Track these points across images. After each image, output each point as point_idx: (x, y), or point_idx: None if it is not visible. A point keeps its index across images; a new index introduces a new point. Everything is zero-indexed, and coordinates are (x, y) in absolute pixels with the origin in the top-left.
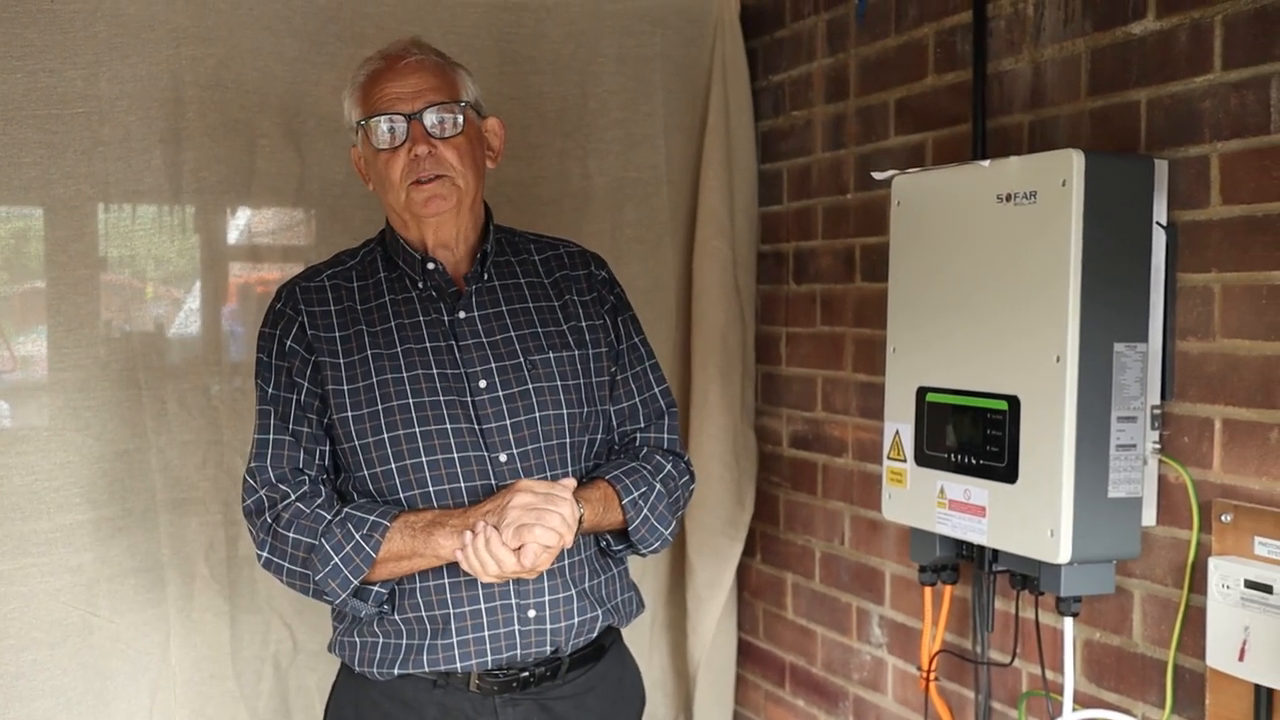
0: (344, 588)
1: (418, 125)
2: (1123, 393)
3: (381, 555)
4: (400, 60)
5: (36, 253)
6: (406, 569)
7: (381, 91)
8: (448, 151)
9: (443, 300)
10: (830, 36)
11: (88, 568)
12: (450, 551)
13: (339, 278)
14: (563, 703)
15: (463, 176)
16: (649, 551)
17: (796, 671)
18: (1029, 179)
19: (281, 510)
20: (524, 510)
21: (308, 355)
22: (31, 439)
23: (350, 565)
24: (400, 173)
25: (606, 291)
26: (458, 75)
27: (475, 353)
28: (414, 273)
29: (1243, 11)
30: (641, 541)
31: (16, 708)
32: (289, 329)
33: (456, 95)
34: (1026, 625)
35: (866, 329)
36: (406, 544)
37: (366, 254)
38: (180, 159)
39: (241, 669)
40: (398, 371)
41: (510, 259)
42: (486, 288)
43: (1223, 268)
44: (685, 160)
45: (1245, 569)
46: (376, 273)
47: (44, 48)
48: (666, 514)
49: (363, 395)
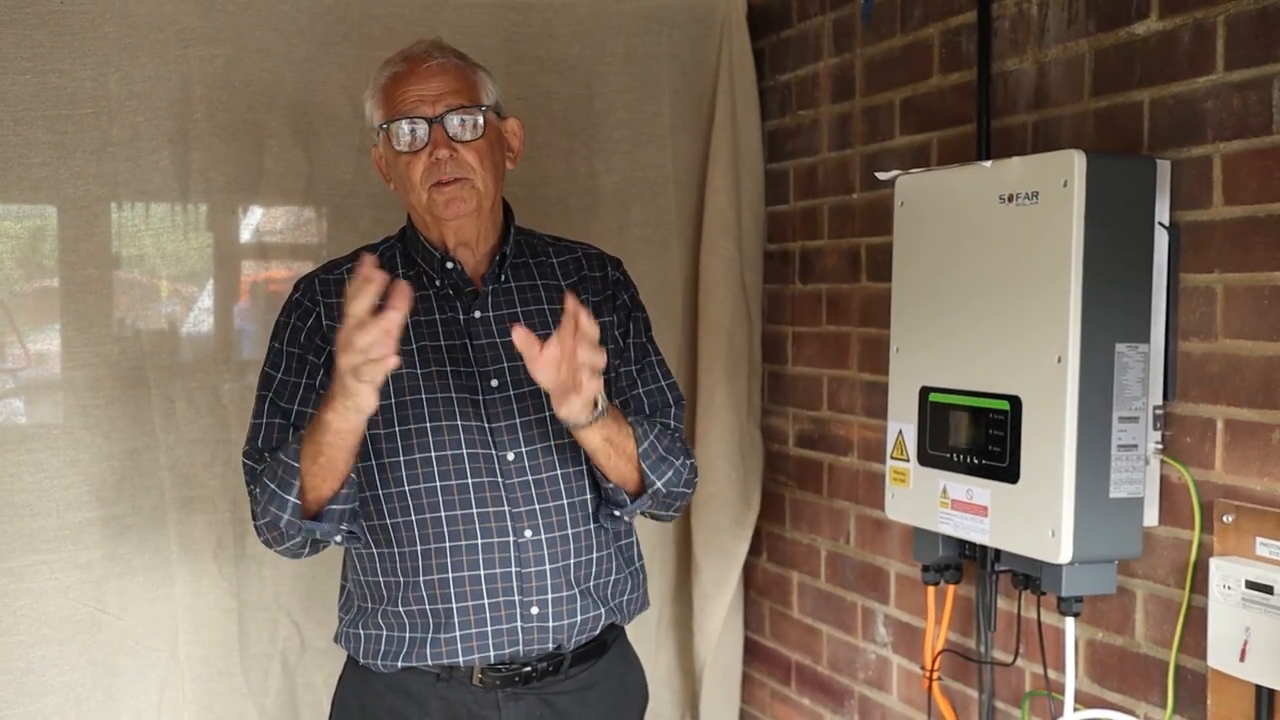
0: (292, 512)
1: (439, 129)
2: (1124, 393)
3: (304, 464)
4: (422, 63)
5: (49, 251)
6: (328, 466)
7: (403, 94)
8: (468, 155)
9: (459, 299)
10: (836, 36)
11: (97, 565)
12: (329, 416)
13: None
14: (565, 698)
15: (482, 179)
16: (662, 483)
17: (802, 670)
18: (1031, 179)
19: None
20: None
21: (322, 345)
22: (42, 436)
23: (284, 485)
24: (421, 175)
25: (620, 291)
26: (479, 77)
27: (489, 352)
28: (432, 271)
29: (1245, 12)
30: (653, 468)
31: (26, 703)
32: (305, 318)
33: (477, 98)
34: (1029, 625)
35: (872, 328)
36: (310, 439)
37: (386, 250)
38: (189, 159)
39: (249, 666)
40: (412, 367)
41: (528, 260)
42: (503, 289)
43: (1225, 268)
44: (692, 160)
45: (1247, 570)
46: (395, 269)
47: (53, 48)
48: (672, 447)
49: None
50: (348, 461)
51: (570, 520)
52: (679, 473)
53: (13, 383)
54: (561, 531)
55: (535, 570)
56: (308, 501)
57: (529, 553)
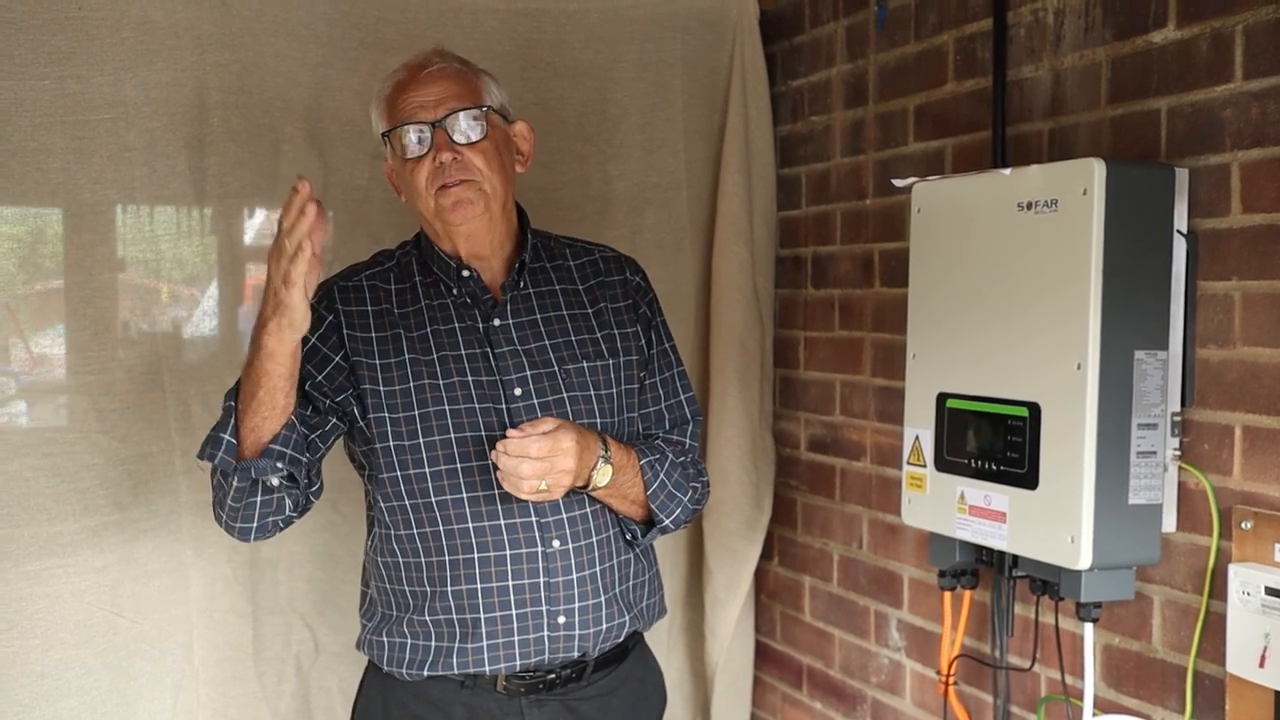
0: (226, 450)
1: (441, 133)
2: (1143, 400)
3: (242, 403)
4: (422, 70)
5: (54, 253)
6: (268, 400)
7: (405, 101)
8: (473, 157)
9: (477, 307)
10: (850, 42)
11: (113, 568)
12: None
13: (376, 279)
14: (588, 703)
15: (489, 181)
16: (670, 521)
17: (814, 674)
18: (1050, 187)
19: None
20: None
21: (331, 354)
22: (57, 441)
23: (221, 425)
24: (426, 180)
25: (640, 298)
26: (481, 81)
27: (510, 360)
28: (449, 279)
29: (1264, 21)
30: (661, 508)
31: (43, 706)
32: (316, 325)
33: (480, 101)
34: (1046, 630)
35: (886, 334)
36: (248, 374)
37: (403, 256)
38: (205, 164)
39: (264, 670)
40: (434, 377)
41: (546, 265)
42: (522, 295)
43: (1243, 276)
44: (705, 165)
45: (1266, 576)
46: (412, 276)
47: (70, 53)
48: (682, 482)
49: (399, 398)
50: (287, 394)
51: (596, 527)
52: (686, 507)
53: (26, 386)
54: (587, 540)
55: (563, 580)
56: (247, 444)
57: (557, 562)
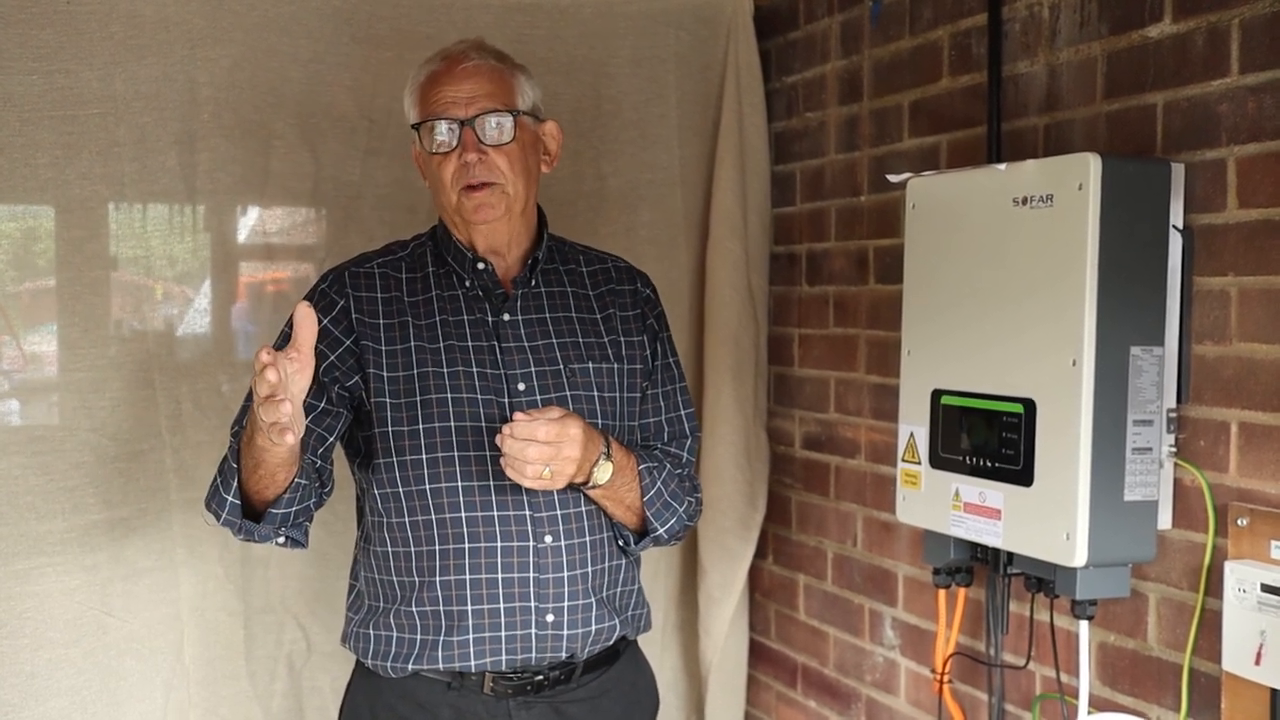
0: (230, 511)
1: (470, 132)
2: (1139, 396)
3: (244, 470)
4: (459, 64)
5: (46, 250)
6: (268, 478)
7: (438, 94)
8: (499, 158)
9: (488, 301)
10: (844, 38)
11: (103, 567)
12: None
13: (388, 267)
14: (577, 706)
15: (512, 184)
16: (664, 530)
17: (808, 672)
18: (1045, 182)
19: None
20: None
21: (342, 338)
22: (47, 439)
23: (225, 484)
24: (451, 177)
25: (649, 310)
26: (516, 80)
27: (516, 355)
28: (463, 271)
29: (1260, 15)
30: (656, 515)
31: (32, 706)
32: (329, 310)
33: (512, 102)
34: (1041, 628)
35: (880, 330)
36: (247, 449)
37: (417, 247)
38: (195, 160)
39: (255, 669)
40: (439, 366)
41: (559, 267)
42: (532, 293)
43: (1239, 271)
44: (699, 161)
45: (1262, 573)
46: (425, 267)
47: (59, 48)
48: (678, 493)
49: (402, 385)
50: (287, 473)
51: (590, 527)
52: (681, 519)
53: (18, 385)
54: (581, 539)
55: (554, 577)
56: (251, 502)
57: (548, 558)
